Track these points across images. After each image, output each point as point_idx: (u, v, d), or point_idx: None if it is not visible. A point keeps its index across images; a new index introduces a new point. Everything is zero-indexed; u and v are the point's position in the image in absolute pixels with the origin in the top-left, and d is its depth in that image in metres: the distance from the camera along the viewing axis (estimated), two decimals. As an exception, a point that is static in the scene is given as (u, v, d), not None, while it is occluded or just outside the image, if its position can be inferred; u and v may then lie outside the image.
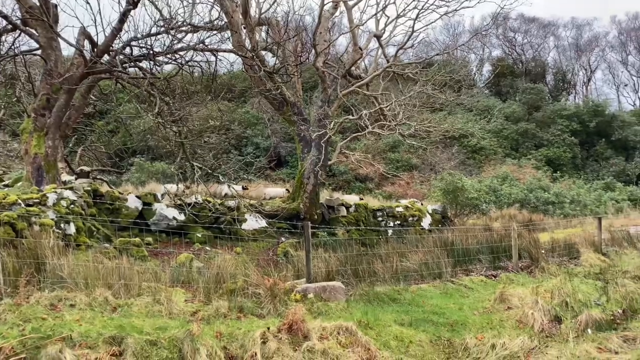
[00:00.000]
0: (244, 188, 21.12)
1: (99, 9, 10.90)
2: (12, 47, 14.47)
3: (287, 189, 21.35)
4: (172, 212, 15.11)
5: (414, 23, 17.94)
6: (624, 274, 10.29)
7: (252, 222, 16.35)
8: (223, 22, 15.88)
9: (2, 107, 22.24)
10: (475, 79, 56.52)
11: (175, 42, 12.77)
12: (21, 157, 18.05)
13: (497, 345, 6.30)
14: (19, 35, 14.51)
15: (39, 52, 13.76)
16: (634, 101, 63.27)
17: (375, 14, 19.62)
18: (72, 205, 11.93)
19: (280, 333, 6.04)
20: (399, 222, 19.53)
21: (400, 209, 19.92)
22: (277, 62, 18.93)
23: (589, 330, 6.66)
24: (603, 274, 10.63)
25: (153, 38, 12.73)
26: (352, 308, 7.79)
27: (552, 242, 13.78)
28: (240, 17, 17.20)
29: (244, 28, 17.38)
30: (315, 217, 17.54)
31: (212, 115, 23.24)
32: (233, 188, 16.43)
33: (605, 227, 15.41)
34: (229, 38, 16.53)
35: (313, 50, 18.31)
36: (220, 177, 15.27)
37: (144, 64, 13.70)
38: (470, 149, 42.86)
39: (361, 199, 21.84)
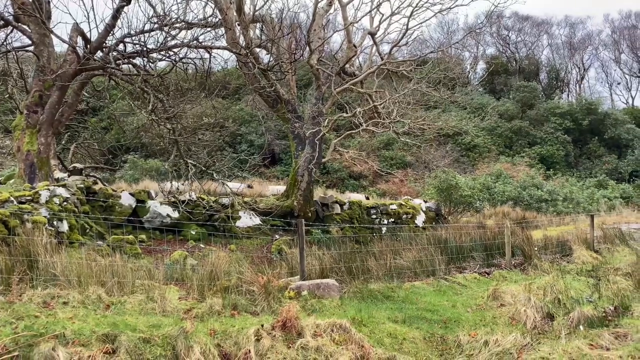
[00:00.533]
0: (249, 186, 21.10)
1: (92, 5, 10.85)
2: (5, 43, 14.37)
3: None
4: (166, 210, 15.08)
5: (408, 21, 17.98)
6: (615, 271, 10.36)
7: (246, 220, 16.34)
8: (217, 19, 15.83)
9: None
10: (470, 77, 56.63)
11: (169, 38, 12.72)
12: (13, 154, 17.91)
13: (489, 342, 6.33)
14: (12, 31, 14.42)
15: (31, 48, 13.68)
16: (626, 99, 63.68)
17: (370, 12, 19.64)
18: (64, 203, 11.87)
19: (274, 330, 6.04)
20: (392, 220, 19.56)
21: (394, 207, 19.96)
22: (271, 59, 18.90)
23: (581, 327, 6.70)
24: (595, 271, 10.70)
25: (147, 35, 12.68)
26: (345, 305, 7.81)
27: (545, 239, 13.84)
28: (235, 14, 17.15)
29: (238, 25, 17.34)
30: (309, 214, 17.55)
31: (206, 113, 23.17)
32: (227, 186, 16.40)
33: (598, 225, 15.50)
34: (223, 35, 16.49)
35: (307, 48, 18.29)
36: (215, 175, 15.24)
37: (138, 61, 13.63)
38: (464, 146, 42.96)
39: (367, 198, 21.83)
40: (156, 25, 12.53)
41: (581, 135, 45.53)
